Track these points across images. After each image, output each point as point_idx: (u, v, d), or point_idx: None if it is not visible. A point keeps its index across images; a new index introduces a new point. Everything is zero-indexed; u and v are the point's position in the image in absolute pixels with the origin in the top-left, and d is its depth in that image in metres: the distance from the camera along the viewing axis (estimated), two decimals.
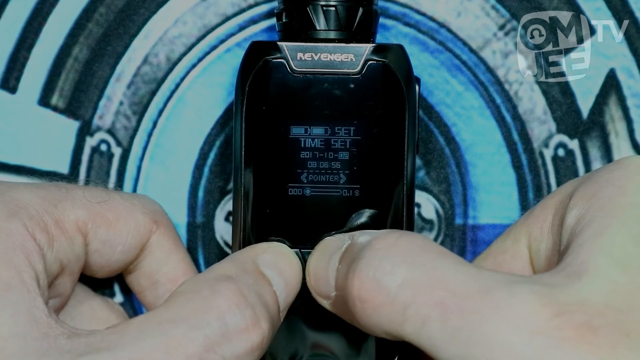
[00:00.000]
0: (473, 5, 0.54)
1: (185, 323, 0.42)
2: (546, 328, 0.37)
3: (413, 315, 0.39)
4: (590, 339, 0.37)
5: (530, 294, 0.38)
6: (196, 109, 0.55)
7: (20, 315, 0.42)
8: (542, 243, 0.45)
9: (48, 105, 0.55)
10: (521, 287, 0.39)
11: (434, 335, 0.39)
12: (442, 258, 0.41)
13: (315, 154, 0.47)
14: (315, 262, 0.46)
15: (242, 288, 0.43)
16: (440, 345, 0.39)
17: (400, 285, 0.40)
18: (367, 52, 0.47)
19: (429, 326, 0.39)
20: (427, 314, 0.39)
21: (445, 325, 0.39)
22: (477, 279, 0.39)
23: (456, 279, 0.39)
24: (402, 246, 0.41)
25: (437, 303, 0.39)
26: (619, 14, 0.54)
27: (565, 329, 0.37)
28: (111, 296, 0.54)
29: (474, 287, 0.39)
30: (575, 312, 0.38)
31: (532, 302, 0.38)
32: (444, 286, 0.39)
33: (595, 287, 0.38)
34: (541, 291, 0.38)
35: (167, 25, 0.54)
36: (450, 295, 0.39)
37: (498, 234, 0.48)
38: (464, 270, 0.40)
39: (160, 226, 0.50)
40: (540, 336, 0.37)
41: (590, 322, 0.37)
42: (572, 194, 0.43)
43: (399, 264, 0.40)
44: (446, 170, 0.55)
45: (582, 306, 0.38)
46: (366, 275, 0.41)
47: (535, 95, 0.54)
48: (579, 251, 0.40)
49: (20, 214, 0.45)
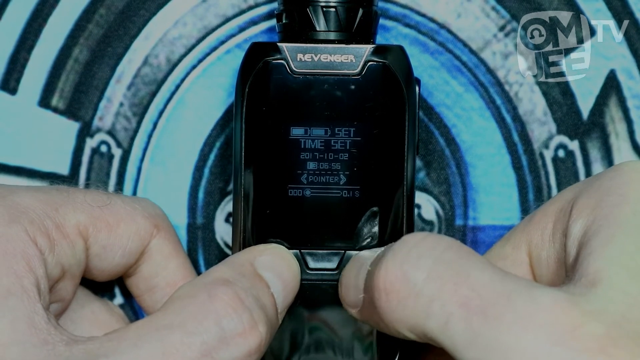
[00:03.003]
0: (473, 6, 0.54)
1: (183, 329, 0.42)
2: (567, 339, 0.37)
3: (437, 311, 0.40)
4: (610, 350, 0.37)
5: (552, 302, 0.38)
6: (196, 110, 0.55)
7: (19, 322, 0.42)
8: (542, 251, 0.45)
9: (48, 106, 0.55)
10: (543, 295, 0.39)
11: (455, 336, 0.39)
12: (468, 256, 0.41)
13: (316, 155, 0.47)
14: (347, 273, 0.46)
15: (239, 292, 0.43)
16: (461, 346, 0.39)
17: (426, 279, 0.40)
18: (367, 53, 0.47)
19: (452, 325, 0.39)
20: (451, 312, 0.39)
21: (467, 327, 0.39)
22: (502, 281, 0.39)
23: (481, 280, 0.39)
24: (430, 242, 0.41)
25: (462, 303, 0.39)
26: (619, 14, 0.54)
27: (586, 340, 0.37)
28: (111, 298, 0.54)
29: (498, 290, 0.39)
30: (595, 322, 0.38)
31: (554, 310, 0.38)
32: (469, 285, 0.39)
33: (611, 297, 0.39)
34: (563, 299, 0.38)
35: (167, 27, 0.54)
36: (475, 295, 0.39)
37: (498, 235, 0.48)
38: (490, 271, 0.40)
39: (160, 230, 0.50)
40: (560, 347, 0.37)
41: (609, 333, 0.37)
42: (574, 202, 0.43)
43: (425, 257, 0.41)
44: (446, 171, 0.55)
45: (601, 316, 0.38)
46: (393, 267, 0.41)
47: (536, 97, 0.54)
48: (589, 261, 0.40)
49: (21, 219, 0.45)
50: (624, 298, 0.38)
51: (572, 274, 0.40)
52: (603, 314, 0.38)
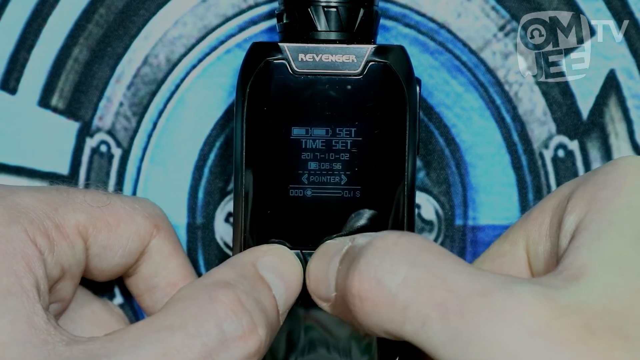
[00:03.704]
0: (473, 6, 0.54)
1: (183, 330, 0.42)
2: (545, 330, 0.37)
3: (413, 315, 0.39)
4: (589, 341, 0.37)
5: (530, 296, 0.38)
6: (196, 110, 0.55)
7: (19, 322, 0.42)
8: (540, 246, 0.45)
9: (48, 106, 0.55)
10: (521, 289, 0.39)
11: (434, 336, 0.39)
12: (442, 258, 0.41)
13: (317, 155, 0.47)
14: (315, 265, 0.46)
15: (239, 294, 0.43)
16: (440, 346, 0.39)
17: (401, 285, 0.40)
18: (368, 53, 0.47)
19: (429, 326, 0.39)
20: (427, 314, 0.39)
21: (445, 327, 0.39)
22: (478, 280, 0.39)
23: (457, 280, 0.39)
24: (403, 245, 0.41)
25: (438, 303, 0.39)
26: (619, 14, 0.54)
27: (564, 331, 0.37)
28: (111, 298, 0.54)
29: (474, 288, 0.39)
30: (573, 314, 0.38)
31: (532, 303, 0.38)
32: (445, 286, 0.39)
33: (593, 290, 0.38)
34: (541, 292, 0.38)
35: (167, 26, 0.54)
36: (451, 295, 0.39)
37: (498, 235, 0.48)
38: (465, 271, 0.40)
39: (160, 230, 0.50)
40: (539, 339, 0.37)
41: (588, 324, 0.38)
42: (570, 196, 0.43)
43: (399, 262, 0.40)
44: (446, 171, 0.55)
45: (580, 308, 0.38)
46: (367, 273, 0.41)
47: (535, 96, 0.54)
48: (576, 254, 0.40)
49: (21, 219, 0.45)
50: (606, 290, 0.38)
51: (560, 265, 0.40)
52: (583, 305, 0.38)
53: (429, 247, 0.41)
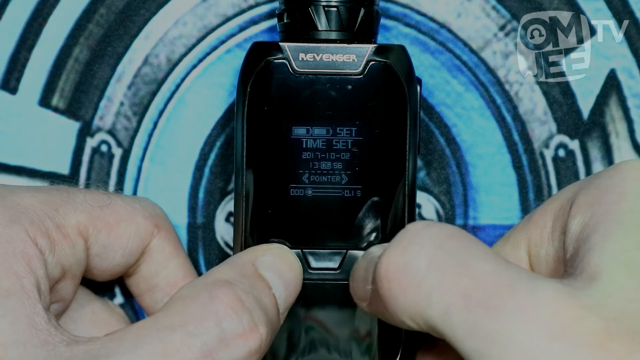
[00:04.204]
0: (473, 5, 0.54)
1: (183, 330, 0.42)
2: (565, 333, 0.38)
3: (438, 301, 0.40)
4: (608, 345, 0.37)
5: (554, 294, 0.38)
6: (197, 110, 0.55)
7: (19, 323, 0.42)
8: (542, 249, 0.45)
9: (48, 106, 0.55)
10: (545, 287, 0.39)
11: (455, 326, 0.39)
12: (471, 246, 0.41)
13: (317, 155, 0.47)
14: (357, 268, 0.46)
15: (239, 293, 0.43)
16: (461, 336, 0.39)
17: (427, 268, 0.40)
18: (368, 52, 0.47)
19: (452, 315, 0.39)
20: (451, 302, 0.39)
21: (467, 318, 0.39)
22: (504, 272, 0.39)
23: (483, 270, 0.39)
24: (433, 231, 0.41)
25: (462, 293, 0.39)
26: (619, 14, 0.54)
27: (584, 335, 0.37)
28: (111, 298, 0.54)
29: (499, 281, 0.39)
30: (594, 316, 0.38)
31: (555, 303, 0.38)
32: (470, 275, 0.39)
33: (609, 292, 0.39)
34: (564, 292, 0.38)
35: (167, 26, 0.54)
36: (475, 285, 0.39)
37: (499, 234, 0.48)
38: (492, 261, 0.40)
39: (161, 230, 0.50)
40: (559, 342, 0.37)
41: (608, 328, 0.38)
42: (573, 200, 0.43)
43: (427, 246, 0.40)
44: (447, 171, 0.55)
45: (600, 311, 0.38)
46: (395, 256, 0.41)
47: (536, 96, 0.54)
48: (589, 257, 0.40)
49: (22, 219, 0.45)
50: (621, 293, 0.39)
51: (573, 269, 0.40)
52: (602, 308, 0.38)
53: (458, 234, 0.41)
